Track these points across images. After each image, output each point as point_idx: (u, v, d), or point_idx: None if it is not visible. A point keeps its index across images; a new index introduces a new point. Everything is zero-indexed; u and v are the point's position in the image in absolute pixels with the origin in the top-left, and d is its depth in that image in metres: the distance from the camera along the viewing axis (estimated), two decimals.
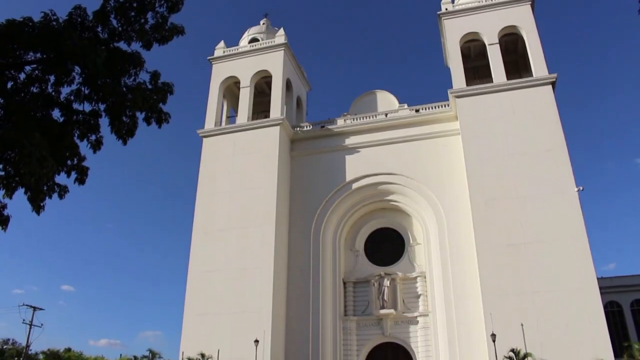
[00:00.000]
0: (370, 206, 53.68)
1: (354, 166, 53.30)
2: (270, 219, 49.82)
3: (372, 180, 52.41)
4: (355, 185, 52.74)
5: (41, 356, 67.20)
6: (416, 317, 48.39)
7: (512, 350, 38.79)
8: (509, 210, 43.69)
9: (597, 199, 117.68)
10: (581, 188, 43.10)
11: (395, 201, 52.43)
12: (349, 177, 52.97)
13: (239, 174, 52.85)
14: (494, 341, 38.36)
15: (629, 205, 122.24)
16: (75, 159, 10.97)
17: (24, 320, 46.23)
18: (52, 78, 11.59)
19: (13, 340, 74.59)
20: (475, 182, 45.52)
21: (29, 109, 10.41)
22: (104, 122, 12.65)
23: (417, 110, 53.91)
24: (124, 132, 12.03)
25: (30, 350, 56.74)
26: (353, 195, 53.04)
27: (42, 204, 6.15)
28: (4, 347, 73.57)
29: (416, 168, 50.90)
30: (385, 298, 48.88)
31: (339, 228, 52.99)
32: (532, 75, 49.15)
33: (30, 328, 46.35)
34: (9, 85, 10.89)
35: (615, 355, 38.93)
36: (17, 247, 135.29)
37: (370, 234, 53.91)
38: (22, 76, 11.20)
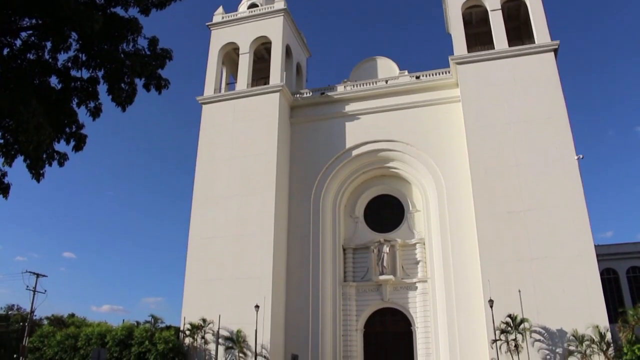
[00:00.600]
0: (370, 173, 53.76)
1: (354, 133, 53.17)
2: (270, 186, 49.95)
3: (372, 147, 52.35)
4: (355, 152, 52.71)
5: (45, 322, 68.18)
6: (415, 283, 48.94)
7: (509, 316, 39.36)
8: (508, 178, 43.78)
9: (596, 167, 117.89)
10: (581, 156, 43.12)
11: (395, 168, 52.48)
12: (348, 144, 52.90)
13: (238, 141, 52.77)
14: (491, 307, 38.90)
15: (628, 173, 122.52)
16: (74, 127, 10.93)
17: (27, 286, 46.75)
18: (48, 44, 11.46)
19: (17, 306, 75.75)
20: (475, 150, 45.49)
21: (25, 76, 10.33)
22: (102, 89, 12.58)
23: (417, 77, 53.52)
24: (123, 98, 11.96)
25: (35, 316, 57.54)
26: (353, 162, 53.05)
27: (41, 172, 6.15)
28: (9, 312, 74.64)
29: (416, 135, 50.79)
30: (385, 264, 49.37)
31: (338, 195, 53.17)
32: (534, 43, 48.66)
33: (34, 294, 46.94)
34: (5, 52, 10.80)
35: (610, 321, 39.52)
36: (18, 215, 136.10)
37: (369, 201, 54.12)
38: (18, 43, 11.10)
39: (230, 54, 61.62)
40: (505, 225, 42.53)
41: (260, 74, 59.22)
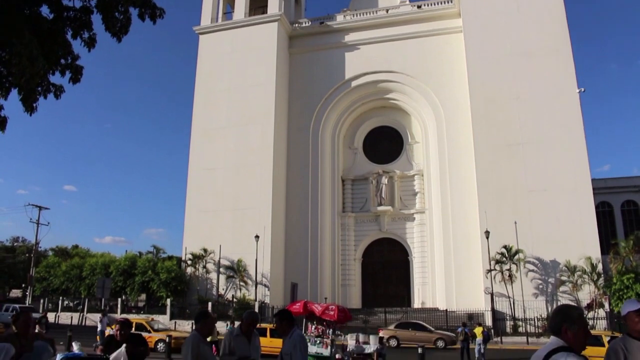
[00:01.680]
0: (369, 104, 53.38)
1: (354, 63, 52.34)
2: (269, 117, 49.69)
3: (371, 78, 51.68)
4: (354, 83, 52.10)
5: (50, 253, 69.51)
6: (413, 214, 49.63)
7: (505, 247, 40.11)
8: (508, 110, 43.47)
9: (597, 100, 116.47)
10: (582, 90, 42.65)
11: (394, 99, 52.06)
12: (348, 75, 52.21)
13: (236, 72, 52.01)
14: (487, 238, 39.57)
15: (629, 107, 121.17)
16: (69, 58, 10.75)
17: (30, 219, 47.36)
18: None
19: (22, 238, 77.14)
20: (476, 81, 44.91)
21: (15, 5, 10.08)
22: (97, 20, 12.31)
23: (419, 7, 52.11)
24: (118, 28, 11.69)
25: (40, 247, 58.67)
26: (352, 93, 52.55)
27: (34, 105, 6.05)
28: (15, 244, 76.02)
29: (416, 66, 50.02)
30: (383, 195, 49.88)
31: (337, 126, 53.00)
32: None
33: (38, 226, 47.63)
34: None
35: (602, 252, 40.38)
36: (18, 149, 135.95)
37: (369, 132, 54.05)
38: None
39: None
40: (503, 157, 42.62)
41: (258, 3, 57.51)
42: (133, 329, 20.95)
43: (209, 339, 6.16)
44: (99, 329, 22.97)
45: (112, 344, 6.93)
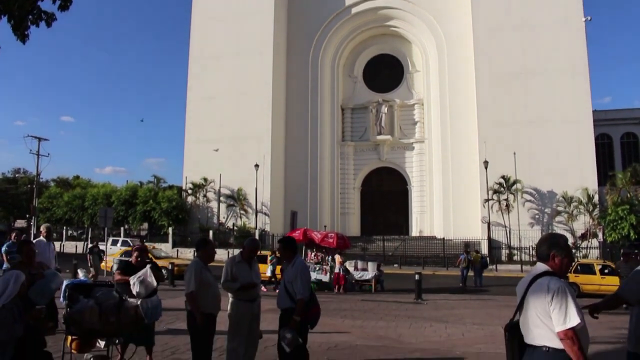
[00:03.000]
0: (369, 32, 52.20)
1: None
2: (267, 45, 48.75)
3: (371, 5, 50.24)
4: (354, 10, 50.72)
5: (52, 184, 69.88)
6: (412, 143, 49.61)
7: (503, 177, 40.39)
8: (511, 38, 42.57)
9: (602, 29, 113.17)
10: (589, 18, 41.62)
11: (395, 27, 50.85)
12: (348, 1, 50.75)
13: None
14: (486, 168, 39.75)
15: (635, 38, 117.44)
16: None
17: (30, 150, 47.20)
18: None
19: (24, 169, 77.08)
20: (479, 8, 43.70)
21: None
22: None
23: None
24: None
25: (41, 178, 58.83)
26: (352, 20, 51.27)
27: (26, 33, 5.95)
28: (16, 175, 76.26)
29: None
30: (383, 124, 49.71)
31: (337, 54, 52.06)
32: None
33: (38, 158, 47.57)
34: None
35: (600, 184, 40.72)
36: (14, 80, 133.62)
37: (369, 61, 53.17)
38: None
39: None
40: (505, 87, 42.13)
41: None
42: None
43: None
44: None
45: (130, 268, 7.28)
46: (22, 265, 6.13)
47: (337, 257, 21.61)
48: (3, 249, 10.71)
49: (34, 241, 10.22)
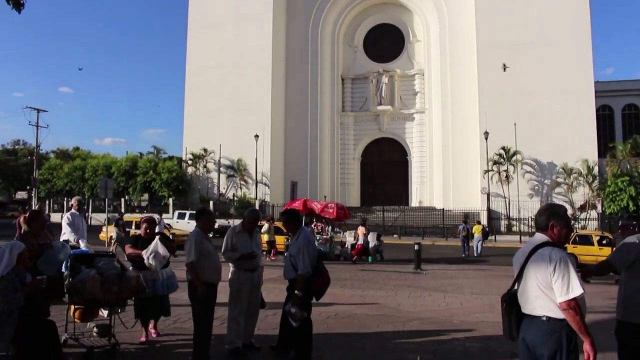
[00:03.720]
0: (370, 0, 51.49)
1: None
2: (267, 12, 48.20)
3: None
4: None
5: (52, 155, 69.79)
6: (412, 113, 49.41)
7: (503, 148, 40.34)
8: (513, 8, 42.03)
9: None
10: None
11: None
12: None
13: None
14: (486, 138, 39.68)
15: (638, 9, 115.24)
16: None
17: (29, 122, 47.21)
18: None
19: (23, 140, 76.78)
20: None
21: None
22: None
23: None
24: None
25: (41, 149, 58.73)
26: None
27: (21, 2, 5.89)
28: (16, 147, 76.04)
29: None
30: (383, 95, 49.44)
31: (337, 23, 51.44)
32: None
33: (37, 129, 47.49)
34: None
35: (600, 156, 40.70)
36: (11, 51, 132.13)
37: (369, 30, 52.60)
38: None
39: None
40: (506, 57, 41.73)
41: None
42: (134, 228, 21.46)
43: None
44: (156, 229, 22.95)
45: (140, 241, 7.31)
46: (29, 235, 6.16)
47: (361, 229, 21.39)
48: (64, 219, 10.69)
49: (68, 214, 10.42)
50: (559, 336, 3.44)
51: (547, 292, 3.48)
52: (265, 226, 20.71)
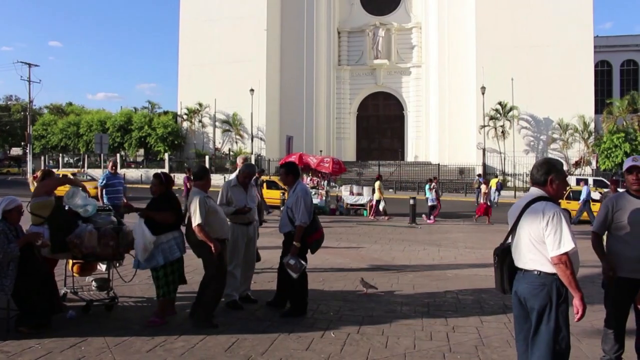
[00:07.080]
0: None
1: None
2: None
3: None
4: None
5: (46, 111, 69.12)
6: (409, 68, 48.95)
7: (499, 103, 40.17)
8: None
9: None
10: None
11: None
12: None
13: None
14: (483, 93, 39.41)
15: None
16: None
17: (21, 77, 46.43)
18: None
19: (16, 96, 75.62)
20: None
21: None
22: None
23: None
24: None
25: (34, 105, 58.02)
26: None
27: None
28: (9, 103, 75.06)
29: None
30: (380, 48, 48.87)
31: None
32: None
33: (30, 84, 46.81)
34: None
35: (597, 112, 40.58)
36: None
37: None
38: None
39: None
40: (505, 9, 41.09)
41: None
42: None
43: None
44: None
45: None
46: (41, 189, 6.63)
47: (378, 184, 21.13)
48: (100, 182, 10.95)
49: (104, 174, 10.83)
50: (549, 290, 3.48)
51: (539, 247, 3.51)
52: (377, 183, 20.79)
